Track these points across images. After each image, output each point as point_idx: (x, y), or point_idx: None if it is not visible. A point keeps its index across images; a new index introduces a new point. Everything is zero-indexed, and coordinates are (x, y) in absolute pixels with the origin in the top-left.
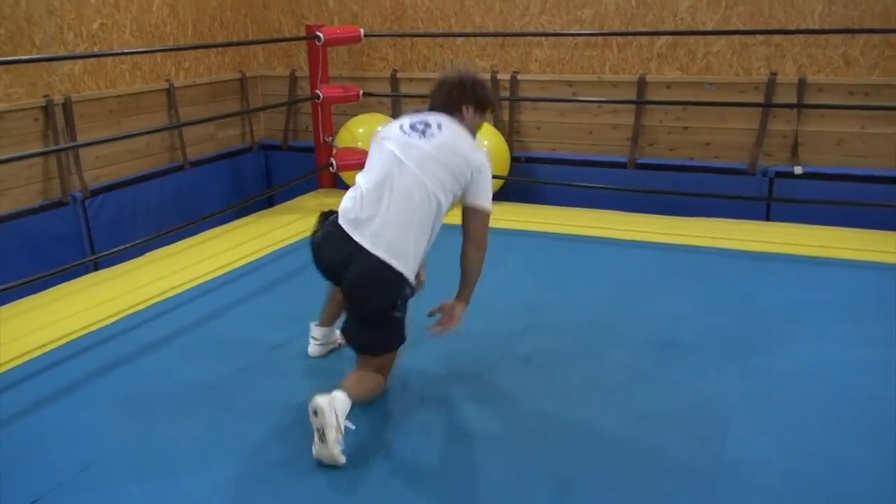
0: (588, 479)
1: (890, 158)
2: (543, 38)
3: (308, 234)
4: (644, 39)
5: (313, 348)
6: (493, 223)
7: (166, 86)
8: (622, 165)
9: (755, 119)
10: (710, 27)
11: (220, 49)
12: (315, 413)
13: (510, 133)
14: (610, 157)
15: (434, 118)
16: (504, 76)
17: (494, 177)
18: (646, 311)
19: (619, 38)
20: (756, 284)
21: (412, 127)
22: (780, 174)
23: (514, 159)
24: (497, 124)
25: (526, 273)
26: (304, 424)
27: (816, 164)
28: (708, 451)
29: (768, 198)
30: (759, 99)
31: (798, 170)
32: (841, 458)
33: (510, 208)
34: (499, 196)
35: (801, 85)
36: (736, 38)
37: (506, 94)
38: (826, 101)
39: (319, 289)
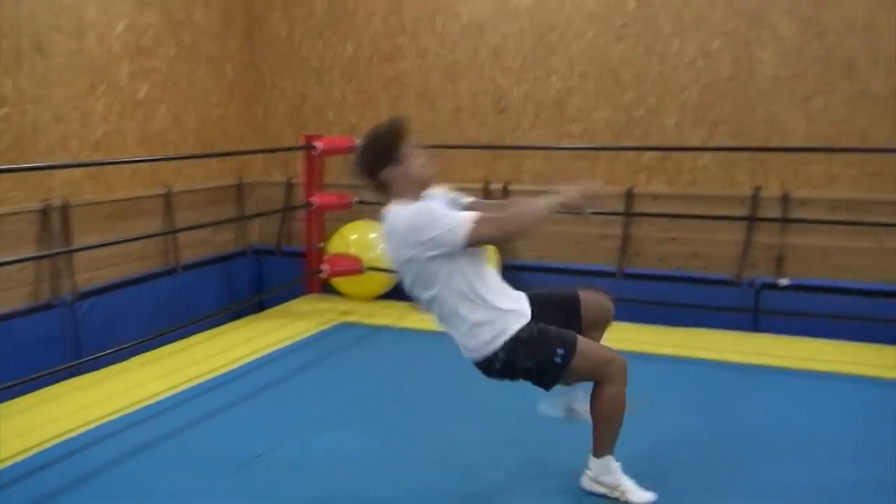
0: None
1: (875, 272)
2: (535, 151)
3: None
4: (632, 153)
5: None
6: None
7: (164, 191)
8: (611, 275)
9: (741, 232)
10: (695, 143)
11: (221, 157)
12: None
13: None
14: (598, 266)
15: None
16: (496, 186)
17: None
18: (633, 423)
19: (609, 152)
20: (745, 397)
21: None
22: (766, 286)
23: (504, 267)
24: None
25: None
26: None
27: (803, 276)
28: None
29: (755, 309)
30: (745, 212)
31: (783, 282)
32: None
33: None
34: None
35: (785, 199)
36: (722, 153)
37: None
38: (809, 215)
39: (305, 396)
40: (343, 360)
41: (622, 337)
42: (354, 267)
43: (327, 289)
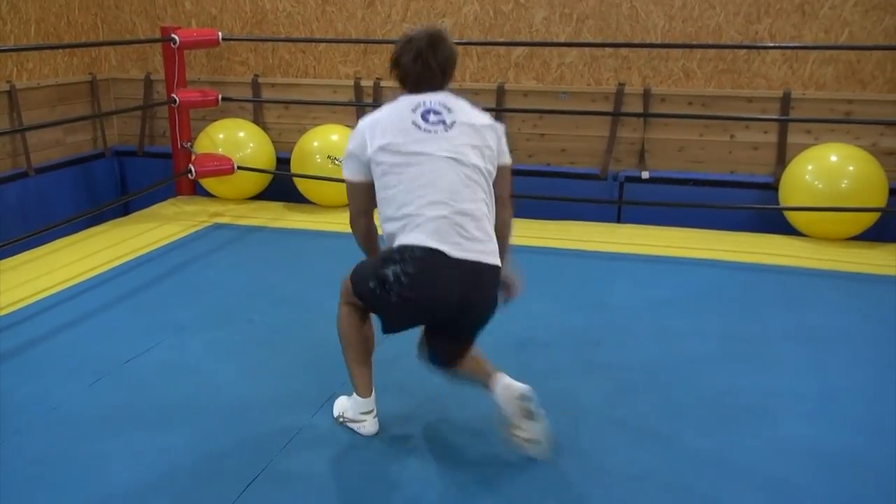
0: (445, 482)
1: (725, 164)
2: None
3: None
4: (502, 49)
5: (373, 424)
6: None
7: (7, 87)
8: None
9: (606, 127)
10: (563, 39)
11: (68, 50)
12: (524, 398)
13: None
14: None
15: (437, 101)
16: (367, 83)
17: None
18: (501, 311)
19: (479, 48)
20: (607, 283)
21: (427, 120)
22: (629, 178)
23: None
24: None
25: None
26: (157, 444)
27: (661, 169)
28: (562, 442)
29: (619, 201)
30: (609, 108)
31: (645, 174)
32: (689, 447)
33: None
34: None
35: (647, 95)
36: (587, 50)
37: (370, 100)
38: (668, 110)
39: (174, 300)
40: (214, 263)
41: None
42: (224, 166)
43: (197, 191)
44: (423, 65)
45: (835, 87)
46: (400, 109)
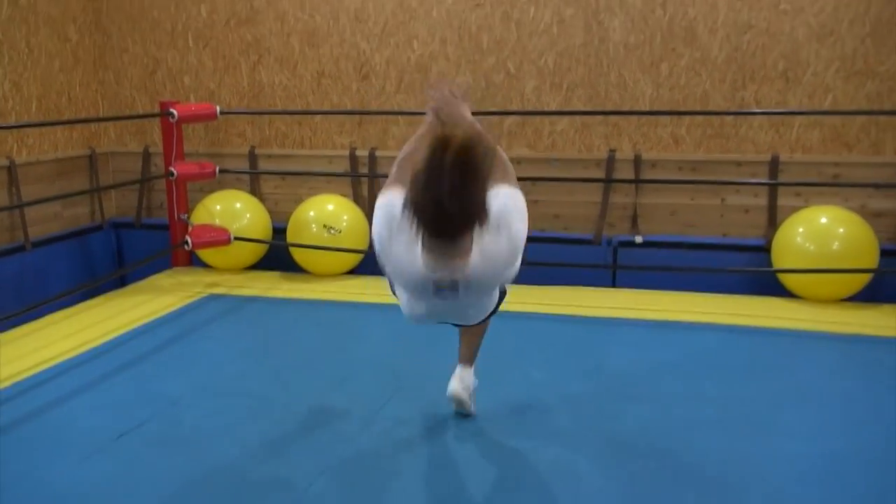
0: None
1: (717, 227)
2: (400, 117)
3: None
4: (495, 118)
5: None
6: (354, 297)
7: (6, 163)
8: None
9: (598, 193)
10: (553, 108)
11: (68, 125)
12: (457, 402)
13: (370, 208)
14: None
15: None
16: (363, 153)
17: (354, 251)
18: (501, 377)
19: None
20: (604, 347)
21: None
22: (622, 243)
23: None
24: (357, 200)
25: (388, 344)
26: None
27: (655, 233)
28: None
29: (613, 266)
30: (601, 174)
31: (638, 239)
32: None
33: (371, 281)
34: (359, 269)
35: (637, 161)
36: (577, 118)
37: (364, 170)
38: (659, 175)
39: (170, 372)
40: (210, 334)
41: None
42: (221, 237)
43: (194, 262)
44: None
45: (821, 151)
46: None
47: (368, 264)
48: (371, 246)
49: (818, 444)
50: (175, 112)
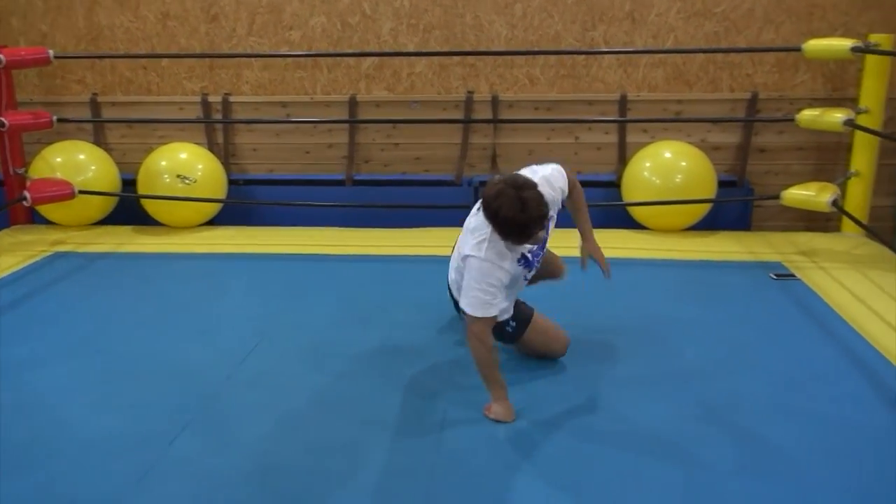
0: (318, 492)
1: (572, 164)
2: (254, 60)
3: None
4: (352, 60)
5: None
6: (212, 248)
7: None
8: (340, 183)
9: (458, 134)
10: (411, 49)
11: None
12: None
13: (226, 156)
14: (327, 175)
15: None
16: (215, 98)
17: (210, 200)
18: (369, 321)
19: (329, 60)
20: None
21: None
22: (483, 183)
23: (231, 182)
24: (212, 147)
25: (250, 296)
26: (3, 490)
27: (515, 171)
28: (426, 447)
29: (474, 205)
30: (460, 115)
31: (498, 178)
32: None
33: (230, 232)
34: (217, 220)
35: (495, 101)
36: (435, 59)
37: (218, 116)
38: (516, 115)
39: (16, 336)
40: (58, 294)
41: (356, 242)
42: (63, 191)
43: (35, 219)
44: None
45: (665, 89)
46: None
47: (227, 214)
48: (230, 195)
49: (660, 365)
50: (2, 57)
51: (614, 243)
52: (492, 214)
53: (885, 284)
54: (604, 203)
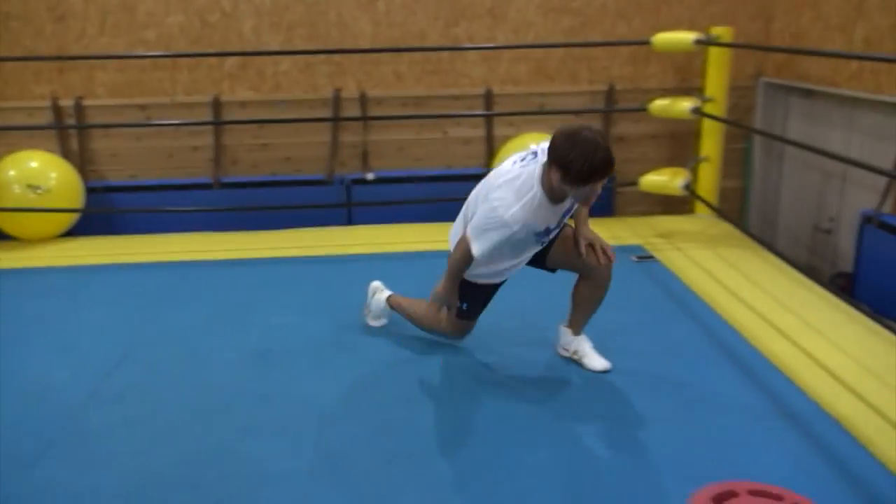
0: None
1: (442, 159)
2: (107, 62)
3: None
4: (214, 60)
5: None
6: (72, 260)
7: None
8: (207, 186)
9: (327, 132)
10: (275, 47)
11: None
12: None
13: (82, 163)
14: (193, 179)
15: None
16: (67, 103)
17: (66, 210)
18: (242, 326)
19: (189, 60)
20: (344, 285)
21: None
22: (355, 181)
23: (89, 190)
24: (67, 155)
25: (114, 308)
26: None
27: (385, 168)
28: (302, 450)
29: (347, 203)
30: (328, 113)
31: (370, 176)
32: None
33: (91, 243)
34: (77, 231)
35: (363, 98)
36: (301, 57)
37: (72, 121)
38: (385, 112)
39: None
40: None
41: (225, 246)
42: None
43: None
44: None
45: (528, 83)
46: None
47: (88, 224)
48: (90, 203)
49: (540, 351)
50: None
51: None
52: (566, 149)
53: (735, 261)
54: None
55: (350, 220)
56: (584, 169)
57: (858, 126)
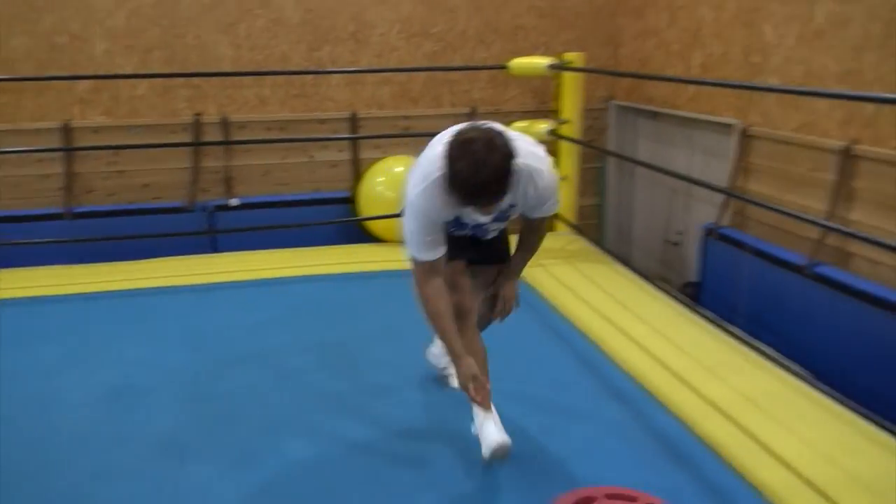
0: None
1: (308, 183)
2: None
3: None
4: (63, 84)
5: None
6: None
7: None
8: (58, 217)
9: (188, 158)
10: (129, 71)
11: None
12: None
13: None
14: (42, 209)
15: None
16: None
17: None
18: (97, 363)
19: (35, 84)
20: (205, 314)
21: None
22: (218, 207)
23: None
24: None
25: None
26: None
27: (249, 194)
28: (163, 493)
29: (210, 231)
30: (188, 138)
31: (233, 201)
32: (291, 457)
33: None
34: None
35: (225, 123)
36: (158, 81)
37: None
38: (249, 136)
39: None
40: None
41: (78, 280)
42: None
43: None
44: None
45: (393, 106)
46: None
47: None
48: None
49: (405, 372)
50: None
51: (353, 258)
52: (455, 155)
53: (593, 275)
54: (340, 220)
55: (215, 248)
56: (460, 186)
57: (698, 145)
